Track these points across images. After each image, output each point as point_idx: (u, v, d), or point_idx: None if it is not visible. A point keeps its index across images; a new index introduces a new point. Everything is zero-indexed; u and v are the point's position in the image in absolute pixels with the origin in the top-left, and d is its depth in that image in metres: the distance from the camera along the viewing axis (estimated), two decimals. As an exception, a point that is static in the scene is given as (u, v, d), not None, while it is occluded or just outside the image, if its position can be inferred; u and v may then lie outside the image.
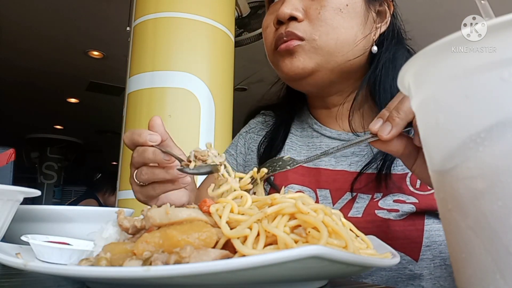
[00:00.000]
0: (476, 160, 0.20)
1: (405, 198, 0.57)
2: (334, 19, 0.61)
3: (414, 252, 0.55)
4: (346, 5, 0.61)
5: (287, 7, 0.61)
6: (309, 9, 0.62)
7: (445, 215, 0.24)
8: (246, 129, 0.83)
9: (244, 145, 0.80)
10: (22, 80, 4.40)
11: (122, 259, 0.28)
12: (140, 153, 0.52)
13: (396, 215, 0.56)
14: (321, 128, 0.71)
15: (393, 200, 0.58)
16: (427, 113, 0.24)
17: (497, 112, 0.19)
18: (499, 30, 0.19)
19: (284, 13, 0.61)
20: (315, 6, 0.61)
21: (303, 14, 0.62)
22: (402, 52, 0.67)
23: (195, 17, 1.69)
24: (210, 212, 0.32)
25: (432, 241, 0.56)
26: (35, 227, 0.53)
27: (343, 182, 0.62)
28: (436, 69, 0.22)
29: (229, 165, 0.76)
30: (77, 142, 6.81)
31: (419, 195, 0.57)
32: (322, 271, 0.26)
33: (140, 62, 1.68)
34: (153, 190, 0.55)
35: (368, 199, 0.59)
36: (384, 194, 0.59)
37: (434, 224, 0.56)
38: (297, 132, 0.74)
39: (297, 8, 0.62)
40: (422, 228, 0.56)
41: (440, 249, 0.56)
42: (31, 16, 3.19)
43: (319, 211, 0.31)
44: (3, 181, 0.68)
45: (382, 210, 0.57)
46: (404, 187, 0.58)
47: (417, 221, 0.56)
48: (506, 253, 0.19)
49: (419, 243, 0.56)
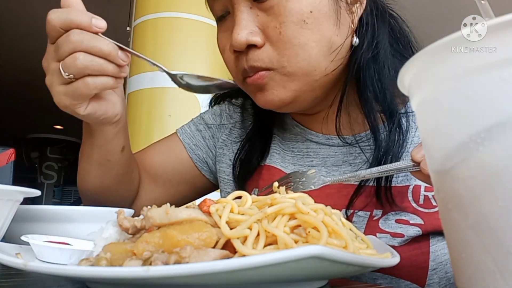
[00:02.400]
0: (476, 160, 0.20)
1: (409, 217, 0.51)
2: (300, 35, 0.49)
3: (421, 278, 0.51)
4: (310, 11, 0.49)
5: (241, 33, 0.49)
6: (266, 28, 0.50)
7: (445, 215, 0.24)
8: (222, 109, 0.72)
9: (218, 129, 0.70)
10: (22, 80, 4.40)
11: (122, 259, 0.28)
12: (79, 37, 0.42)
13: (400, 241, 0.50)
14: (304, 131, 0.62)
15: (395, 220, 0.51)
16: (427, 113, 0.24)
17: (497, 112, 0.19)
18: (499, 30, 0.19)
19: (240, 42, 0.50)
20: (273, 23, 0.49)
21: (261, 37, 0.50)
22: (384, 37, 0.55)
23: (195, 17, 1.69)
24: (210, 212, 0.32)
25: (438, 263, 0.51)
26: (35, 227, 0.53)
27: (337, 197, 0.54)
28: (436, 69, 0.22)
29: (190, 139, 0.69)
30: (77, 142, 6.81)
31: (424, 213, 0.51)
32: (322, 271, 0.26)
33: (140, 62, 1.68)
34: (85, 86, 0.44)
35: (367, 218, 0.53)
36: (384, 211, 0.52)
37: (439, 242, 0.51)
38: (279, 133, 0.64)
39: (253, 31, 0.50)
40: (427, 250, 0.51)
41: (446, 269, 0.52)
42: (31, 16, 3.19)
43: (319, 211, 0.31)
44: (3, 181, 0.68)
45: (385, 234, 0.51)
46: (406, 204, 0.52)
47: (422, 243, 0.51)
48: (506, 253, 0.19)
49: (426, 268, 0.51)
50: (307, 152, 0.61)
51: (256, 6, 0.51)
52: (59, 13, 0.43)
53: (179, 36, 1.66)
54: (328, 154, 0.59)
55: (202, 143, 0.70)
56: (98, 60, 0.43)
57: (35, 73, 4.33)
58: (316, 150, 0.60)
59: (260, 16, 0.50)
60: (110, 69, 0.44)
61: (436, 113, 0.23)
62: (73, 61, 0.43)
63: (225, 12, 0.55)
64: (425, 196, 0.52)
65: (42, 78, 0.48)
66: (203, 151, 0.70)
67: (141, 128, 1.65)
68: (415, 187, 0.52)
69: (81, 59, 0.43)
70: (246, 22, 0.50)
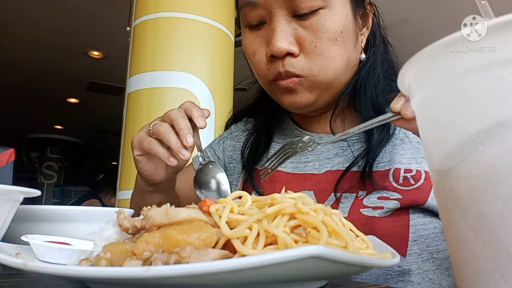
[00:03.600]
0: (476, 160, 0.20)
1: (389, 194, 0.58)
2: (331, 50, 0.58)
3: (401, 248, 0.56)
4: (341, 32, 0.59)
5: (282, 42, 0.57)
6: (303, 41, 0.58)
7: (445, 215, 0.24)
8: (226, 134, 0.82)
9: (223, 151, 0.79)
10: (22, 80, 4.40)
11: (122, 259, 0.28)
12: (171, 133, 0.55)
13: (381, 212, 0.57)
14: (301, 133, 0.71)
15: (377, 197, 0.58)
16: (427, 113, 0.24)
17: (497, 112, 0.19)
18: (499, 30, 0.19)
19: (281, 50, 0.57)
20: (310, 38, 0.58)
21: (297, 47, 0.59)
22: (385, 56, 0.67)
23: (195, 17, 1.69)
24: (210, 212, 0.32)
25: (418, 236, 0.56)
26: (35, 227, 0.53)
27: (327, 182, 0.63)
28: (436, 69, 0.22)
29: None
30: (77, 142, 6.81)
31: (403, 190, 0.57)
32: (322, 271, 0.26)
33: (140, 62, 1.68)
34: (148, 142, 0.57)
35: (353, 198, 0.59)
36: (368, 192, 0.59)
37: (419, 218, 0.57)
38: (279, 139, 0.73)
39: (292, 42, 0.58)
40: (407, 223, 0.56)
41: (427, 243, 0.56)
42: (31, 16, 3.19)
43: (319, 211, 0.31)
44: (3, 181, 0.68)
45: (367, 208, 0.58)
46: (387, 184, 0.58)
47: (402, 217, 0.57)
48: (506, 253, 0.19)
49: (406, 239, 0.56)
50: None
51: (295, 21, 0.59)
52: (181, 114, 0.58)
53: (179, 36, 1.66)
54: (321, 150, 0.68)
55: None
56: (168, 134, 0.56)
57: (35, 73, 4.34)
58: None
59: (298, 30, 0.59)
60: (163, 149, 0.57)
61: (436, 113, 0.23)
62: (160, 128, 0.57)
63: (260, 22, 0.62)
64: (404, 176, 0.59)
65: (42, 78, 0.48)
66: None
67: (141, 128, 1.65)
68: (395, 170, 0.59)
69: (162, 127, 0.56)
70: (285, 34, 0.58)
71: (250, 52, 0.64)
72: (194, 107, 0.58)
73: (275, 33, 0.58)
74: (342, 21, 0.59)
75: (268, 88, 0.65)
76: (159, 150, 0.57)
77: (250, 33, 0.64)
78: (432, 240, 0.56)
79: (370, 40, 0.66)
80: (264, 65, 0.62)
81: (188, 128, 0.56)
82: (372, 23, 0.66)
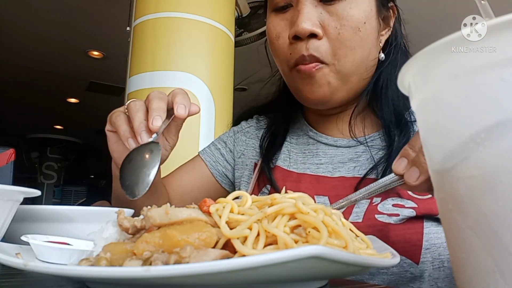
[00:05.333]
0: (476, 160, 0.20)
1: (404, 202, 0.57)
2: (352, 40, 0.59)
3: (415, 255, 0.56)
4: (364, 23, 0.59)
5: (308, 22, 0.58)
6: (327, 26, 0.58)
7: (445, 215, 0.24)
8: (238, 129, 0.81)
9: (233, 144, 0.78)
10: (22, 80, 4.40)
11: (122, 259, 0.28)
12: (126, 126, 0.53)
13: (396, 219, 0.56)
14: (316, 135, 0.71)
15: (392, 204, 0.58)
16: (427, 113, 0.24)
17: (497, 112, 0.19)
18: (499, 30, 0.19)
19: (305, 31, 0.58)
20: (334, 24, 0.58)
21: (322, 30, 0.59)
22: (403, 57, 0.66)
23: (195, 17, 1.69)
24: (210, 212, 0.32)
25: (432, 244, 0.56)
26: (35, 227, 0.53)
27: (342, 188, 0.62)
28: (436, 69, 0.22)
29: (210, 157, 0.79)
30: (77, 142, 6.81)
31: (418, 199, 0.57)
32: (322, 271, 0.26)
33: (140, 62, 1.68)
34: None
35: (367, 204, 0.59)
36: (383, 198, 0.59)
37: (433, 227, 0.57)
38: (293, 139, 0.73)
39: (317, 24, 0.58)
40: (421, 231, 0.56)
41: (439, 251, 0.56)
42: (31, 16, 3.19)
43: (319, 211, 0.31)
44: (3, 181, 0.68)
45: (382, 215, 0.57)
46: (402, 191, 0.58)
47: (416, 225, 0.57)
48: (506, 253, 0.19)
49: (419, 246, 0.56)
50: (316, 152, 0.69)
51: (321, 6, 0.59)
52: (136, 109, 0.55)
53: (179, 36, 1.66)
54: (335, 154, 0.67)
55: (220, 158, 0.78)
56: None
57: (35, 73, 4.34)
58: (325, 150, 0.68)
59: (323, 14, 0.59)
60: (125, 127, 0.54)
61: (436, 113, 0.23)
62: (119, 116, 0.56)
63: (287, 4, 0.63)
64: None
65: (42, 78, 0.49)
66: (222, 165, 0.78)
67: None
68: None
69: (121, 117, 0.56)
70: (311, 16, 0.58)
71: (274, 36, 0.64)
72: (180, 94, 0.55)
73: (301, 14, 0.59)
74: (367, 12, 0.59)
75: (288, 75, 0.64)
76: (121, 127, 0.53)
77: (275, 17, 0.64)
78: (445, 249, 0.56)
79: (391, 41, 0.66)
80: (287, 49, 0.62)
81: (160, 110, 0.52)
82: (394, 27, 0.67)
